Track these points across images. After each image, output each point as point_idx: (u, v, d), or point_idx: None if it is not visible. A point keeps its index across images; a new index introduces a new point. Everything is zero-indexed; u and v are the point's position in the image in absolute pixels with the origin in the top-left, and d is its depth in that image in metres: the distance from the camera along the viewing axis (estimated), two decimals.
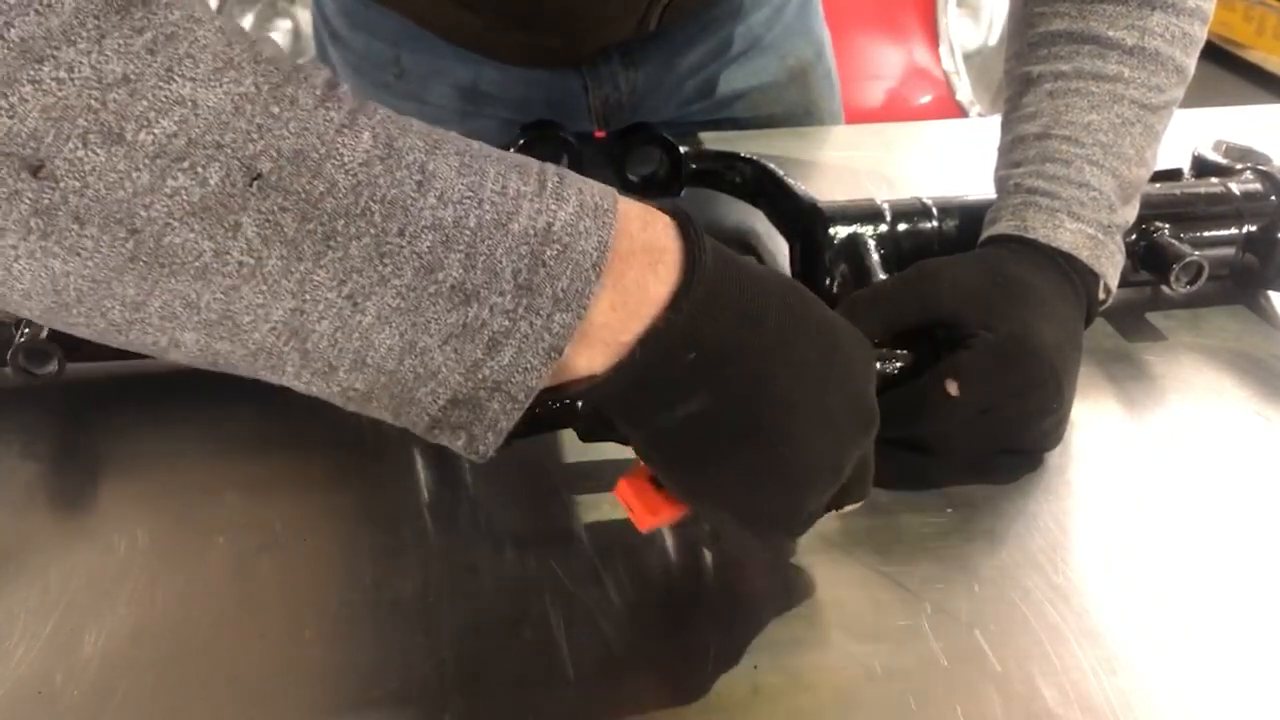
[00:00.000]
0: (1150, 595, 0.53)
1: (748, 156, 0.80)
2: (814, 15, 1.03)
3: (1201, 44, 0.66)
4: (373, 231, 0.36)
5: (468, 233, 0.37)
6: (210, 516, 0.54)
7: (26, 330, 0.58)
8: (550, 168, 0.40)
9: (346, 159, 0.36)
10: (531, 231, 0.38)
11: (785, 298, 0.44)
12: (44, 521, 0.54)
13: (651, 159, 0.82)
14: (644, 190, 0.83)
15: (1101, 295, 0.63)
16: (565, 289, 0.38)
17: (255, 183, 0.34)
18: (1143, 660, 0.49)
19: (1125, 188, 0.64)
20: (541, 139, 0.81)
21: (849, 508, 0.49)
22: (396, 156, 0.37)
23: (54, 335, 0.58)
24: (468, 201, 0.37)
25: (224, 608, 0.49)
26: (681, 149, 0.81)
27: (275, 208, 0.35)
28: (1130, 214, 0.65)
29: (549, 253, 0.38)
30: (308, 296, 0.36)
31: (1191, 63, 0.65)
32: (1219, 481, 0.60)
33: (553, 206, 0.38)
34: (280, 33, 2.14)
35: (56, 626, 0.48)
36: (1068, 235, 0.61)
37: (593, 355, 0.40)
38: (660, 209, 0.42)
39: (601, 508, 0.56)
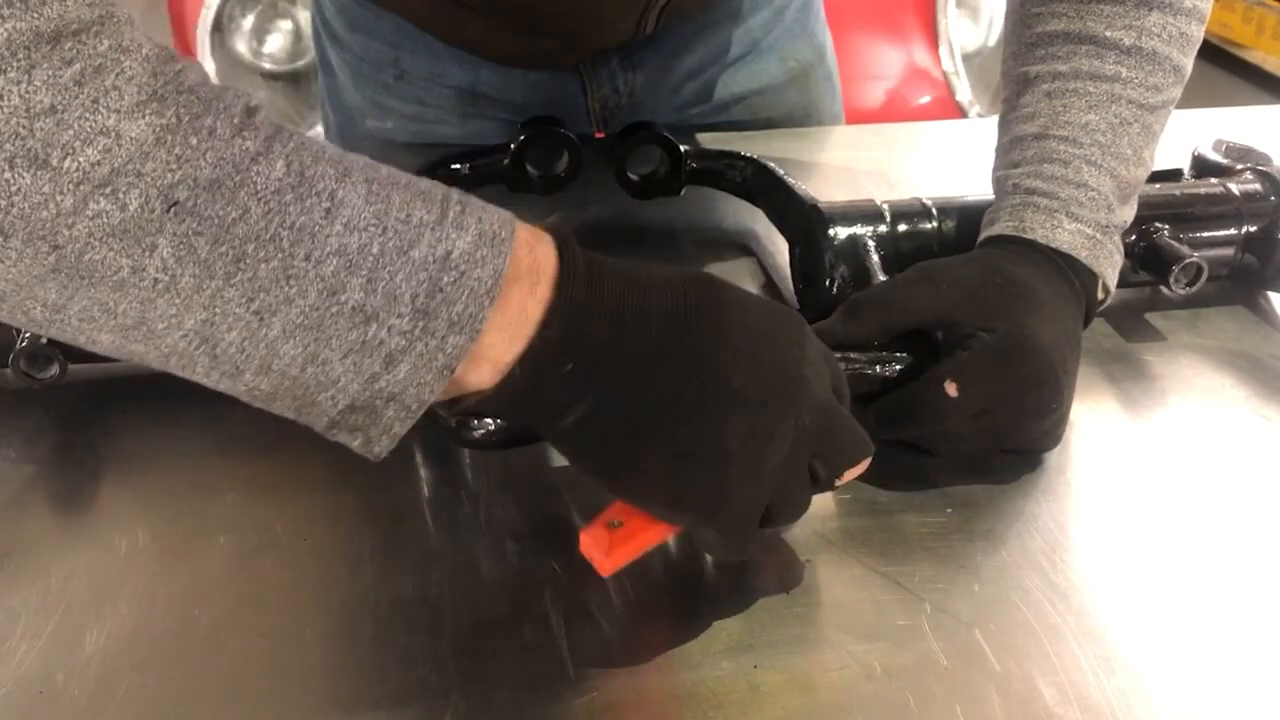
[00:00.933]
0: (1150, 595, 0.53)
1: (748, 156, 0.81)
2: (815, 17, 1.03)
3: (1199, 44, 0.66)
4: (280, 255, 0.38)
5: (370, 259, 0.39)
6: (211, 516, 0.54)
7: (28, 334, 0.58)
8: (454, 194, 0.42)
9: (259, 187, 0.38)
10: (431, 259, 0.40)
11: (677, 294, 0.45)
12: (45, 521, 0.54)
13: (652, 158, 0.82)
14: (645, 189, 0.83)
15: (1100, 295, 0.63)
16: (460, 313, 0.40)
17: (173, 209, 0.37)
18: (1142, 660, 0.49)
19: (1123, 187, 0.63)
20: (543, 135, 0.81)
21: (847, 477, 0.49)
22: (308, 185, 0.39)
23: (55, 340, 0.58)
24: (372, 229, 0.39)
25: (225, 607, 0.49)
26: (682, 148, 0.81)
27: (190, 231, 0.37)
28: (1128, 214, 0.65)
29: (446, 279, 0.40)
30: (218, 310, 0.38)
31: (1189, 62, 0.65)
32: (1219, 481, 0.60)
33: (452, 235, 0.40)
34: (280, 33, 2.14)
35: (58, 626, 0.48)
36: (1066, 235, 0.61)
37: (481, 373, 0.42)
38: (548, 231, 0.44)
39: (602, 507, 0.56)
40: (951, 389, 0.55)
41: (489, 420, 0.53)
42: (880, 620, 0.50)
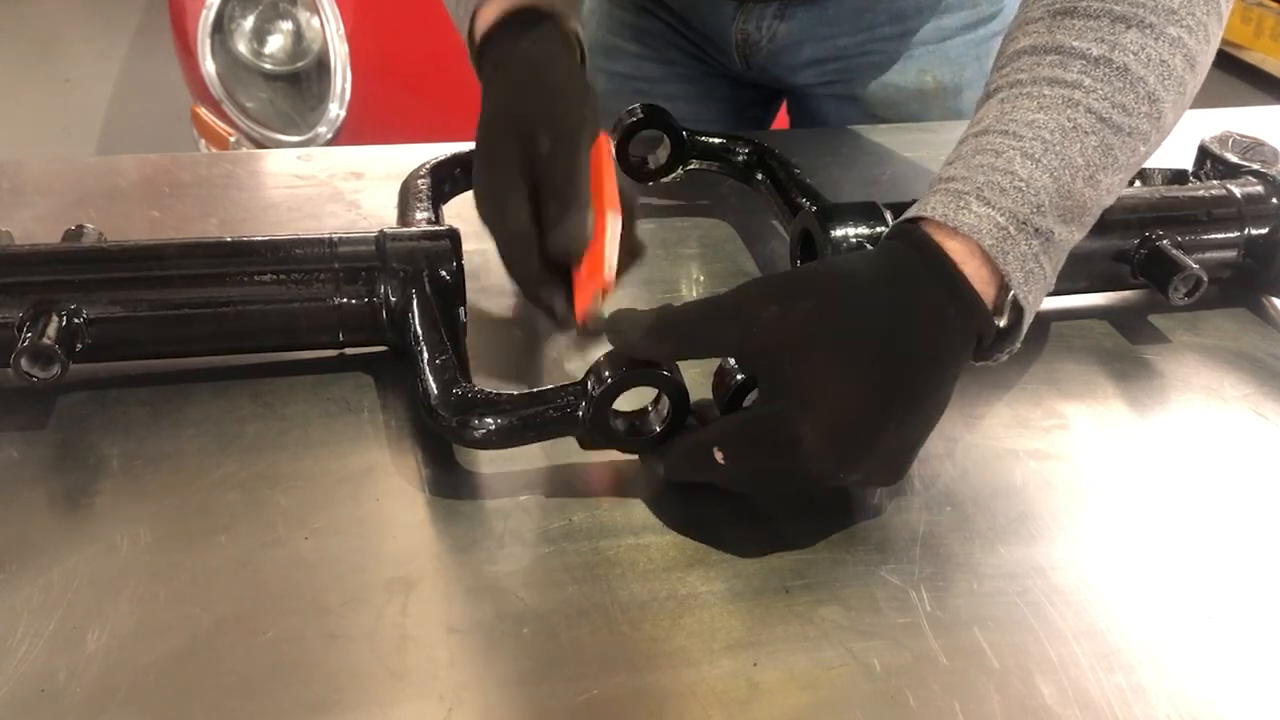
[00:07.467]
0: (1149, 593, 0.53)
1: (748, 138, 0.83)
2: (988, 55, 0.90)
3: (1185, 86, 0.58)
4: None
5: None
6: (212, 516, 0.54)
7: (29, 334, 0.58)
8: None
9: None
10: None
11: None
12: (46, 521, 0.54)
13: (655, 137, 0.84)
14: (647, 170, 0.84)
15: (1004, 322, 0.54)
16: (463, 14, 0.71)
17: None
18: (1140, 657, 0.49)
19: (1066, 199, 0.54)
20: None
21: None
22: None
23: (56, 339, 0.58)
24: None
25: (226, 606, 0.50)
26: (684, 132, 0.83)
27: None
28: (1069, 237, 0.56)
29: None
30: None
31: (1167, 100, 0.57)
32: (1218, 481, 0.60)
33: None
34: (281, 34, 2.14)
35: (59, 625, 0.48)
36: (970, 217, 0.53)
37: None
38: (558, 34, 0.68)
39: (602, 507, 0.56)
40: (719, 456, 0.53)
41: (489, 419, 0.55)
42: (880, 618, 0.50)
